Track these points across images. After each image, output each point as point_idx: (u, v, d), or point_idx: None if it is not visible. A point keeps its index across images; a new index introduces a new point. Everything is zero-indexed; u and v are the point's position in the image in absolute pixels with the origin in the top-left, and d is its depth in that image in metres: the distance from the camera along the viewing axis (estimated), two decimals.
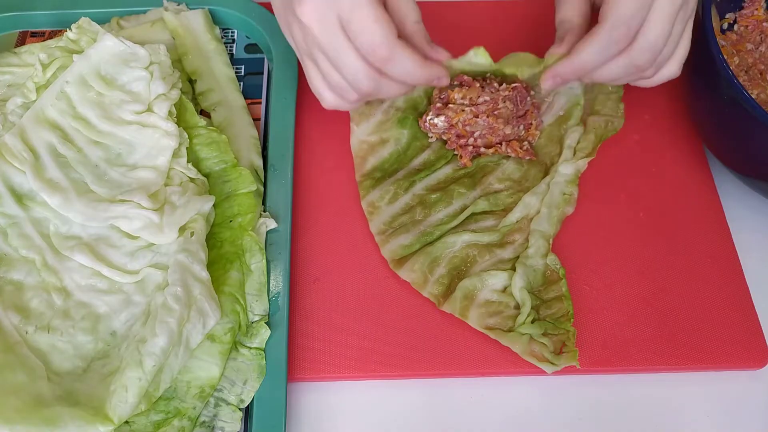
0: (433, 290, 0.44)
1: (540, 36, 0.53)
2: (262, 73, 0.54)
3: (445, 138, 0.49)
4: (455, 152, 0.49)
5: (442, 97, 0.49)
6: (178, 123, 0.46)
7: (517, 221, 0.47)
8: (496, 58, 0.56)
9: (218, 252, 0.44)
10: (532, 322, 0.43)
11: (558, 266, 0.45)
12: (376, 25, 0.38)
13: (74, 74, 0.45)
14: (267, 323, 0.42)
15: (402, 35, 0.42)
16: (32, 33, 0.54)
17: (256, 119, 0.51)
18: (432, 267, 0.45)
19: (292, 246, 0.46)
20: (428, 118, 0.49)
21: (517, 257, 0.46)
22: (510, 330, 0.43)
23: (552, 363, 0.42)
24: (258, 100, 0.52)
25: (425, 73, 0.41)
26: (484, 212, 0.48)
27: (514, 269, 0.45)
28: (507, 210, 0.48)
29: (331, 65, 0.41)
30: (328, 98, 0.44)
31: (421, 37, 0.43)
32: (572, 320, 0.43)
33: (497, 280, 0.45)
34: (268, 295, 0.43)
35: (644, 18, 0.40)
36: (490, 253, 0.46)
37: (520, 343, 0.42)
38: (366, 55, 0.40)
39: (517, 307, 0.44)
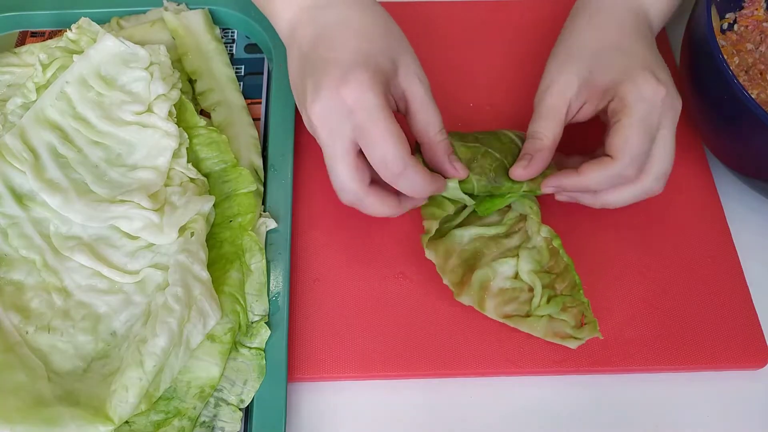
0: (451, 278, 0.44)
1: (540, 36, 0.53)
2: (262, 73, 0.54)
3: None
4: None
5: None
6: (178, 123, 0.46)
7: (520, 213, 0.48)
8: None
9: (218, 252, 0.44)
10: (548, 301, 0.43)
11: (552, 236, 0.45)
12: (390, 140, 0.38)
13: (74, 74, 0.45)
14: (267, 323, 0.42)
15: (424, 142, 0.43)
16: (32, 33, 0.54)
17: (256, 119, 0.51)
18: (446, 257, 0.45)
19: (292, 246, 0.46)
20: None
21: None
22: (528, 315, 0.43)
23: (575, 338, 0.42)
24: (258, 100, 0.52)
25: (432, 188, 0.41)
26: None
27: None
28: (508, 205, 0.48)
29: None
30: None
31: (444, 148, 0.43)
32: (581, 290, 0.43)
33: (507, 267, 0.45)
34: (268, 295, 0.43)
35: (649, 150, 0.42)
36: (497, 245, 0.46)
37: (540, 326, 0.43)
38: (377, 167, 0.40)
39: (531, 290, 0.44)
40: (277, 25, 0.46)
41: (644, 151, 0.42)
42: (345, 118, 0.38)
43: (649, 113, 0.41)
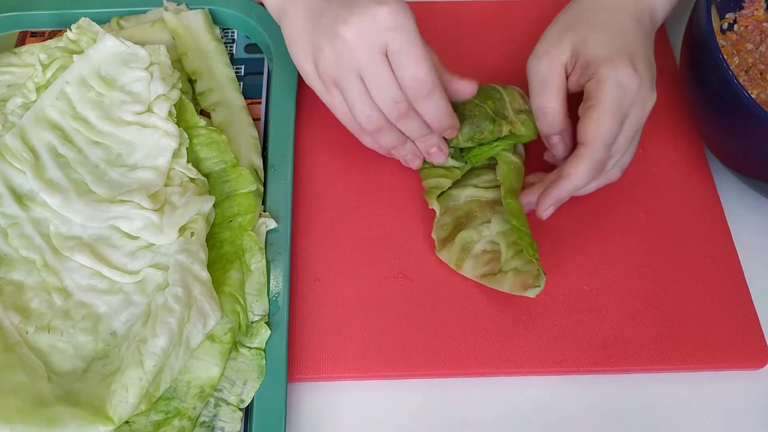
0: (438, 234, 0.47)
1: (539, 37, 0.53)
2: (262, 73, 0.54)
3: None
4: None
5: None
6: (178, 123, 0.46)
7: None
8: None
9: (218, 252, 0.44)
10: (513, 256, 0.45)
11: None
12: (424, 60, 0.40)
13: (74, 74, 0.45)
14: (267, 323, 0.42)
15: None
16: (32, 33, 0.54)
17: (256, 119, 0.51)
18: (442, 213, 0.47)
19: (292, 246, 0.46)
20: None
21: None
22: (500, 271, 0.45)
23: (534, 286, 0.43)
24: (258, 100, 0.52)
25: (449, 120, 0.43)
26: (484, 167, 0.50)
27: None
28: None
29: (362, 91, 0.42)
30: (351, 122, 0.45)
31: (442, 70, 0.44)
32: (532, 250, 0.44)
33: (489, 231, 0.47)
34: (268, 295, 0.43)
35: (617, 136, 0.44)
36: (490, 210, 0.48)
37: (507, 280, 0.44)
38: (407, 86, 0.41)
39: None
40: None
41: (616, 137, 0.43)
42: (381, 36, 0.39)
43: (622, 98, 0.42)
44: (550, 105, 0.45)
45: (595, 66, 0.43)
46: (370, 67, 0.40)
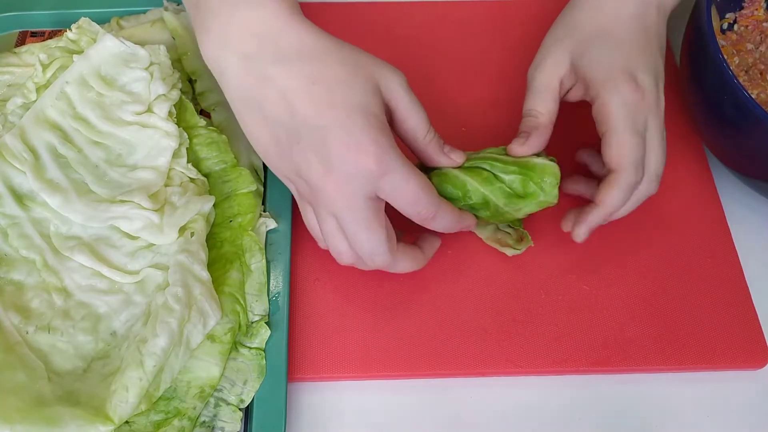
0: None
1: (540, 37, 0.53)
2: None
3: None
4: None
5: None
6: (178, 123, 0.46)
7: None
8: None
9: (218, 252, 0.44)
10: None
11: None
12: (420, 188, 0.38)
13: (74, 74, 0.45)
14: (267, 323, 0.42)
15: (414, 147, 0.42)
16: (32, 33, 0.54)
17: None
18: None
19: (292, 246, 0.46)
20: None
21: None
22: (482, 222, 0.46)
23: (514, 248, 0.44)
24: None
25: (462, 224, 0.42)
26: None
27: None
28: None
29: (338, 227, 0.39)
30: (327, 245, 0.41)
31: (436, 145, 0.42)
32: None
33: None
34: (268, 295, 0.43)
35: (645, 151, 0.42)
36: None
37: (487, 230, 0.46)
38: (409, 215, 0.39)
39: None
40: (210, 61, 0.41)
41: (642, 154, 0.42)
42: (368, 182, 0.37)
43: (634, 115, 0.42)
44: (536, 108, 0.44)
45: (596, 88, 0.42)
46: (350, 216, 0.37)
